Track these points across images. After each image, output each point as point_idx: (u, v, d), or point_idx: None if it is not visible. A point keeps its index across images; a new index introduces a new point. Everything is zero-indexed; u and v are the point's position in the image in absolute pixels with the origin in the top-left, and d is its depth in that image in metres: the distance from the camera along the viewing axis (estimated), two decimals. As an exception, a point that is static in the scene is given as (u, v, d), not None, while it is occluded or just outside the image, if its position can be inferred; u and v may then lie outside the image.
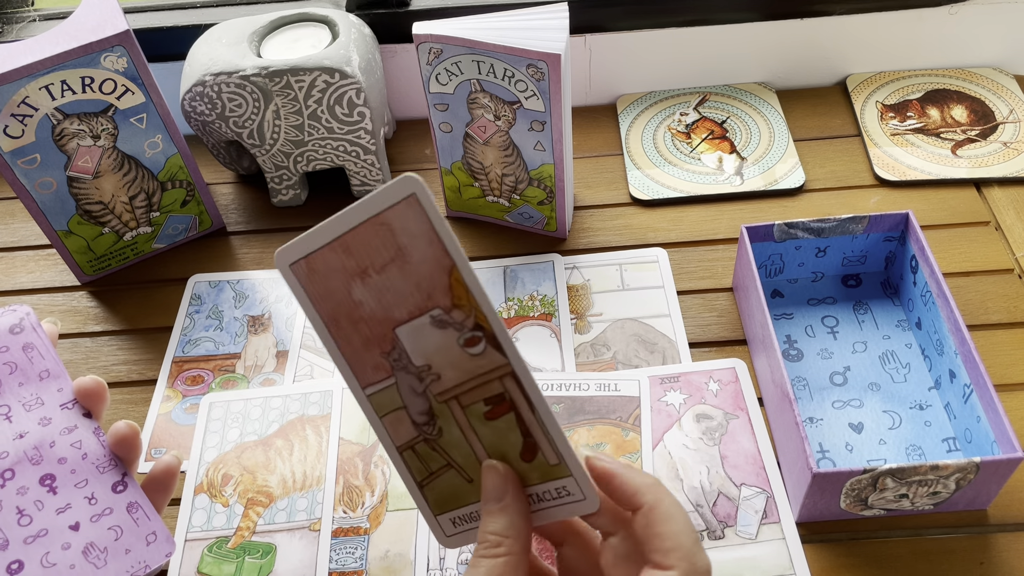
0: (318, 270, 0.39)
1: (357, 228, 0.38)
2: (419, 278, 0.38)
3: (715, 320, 0.67)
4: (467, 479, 0.41)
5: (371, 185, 0.78)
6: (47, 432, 0.39)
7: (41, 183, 0.67)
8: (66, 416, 0.40)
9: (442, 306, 0.38)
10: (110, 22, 0.63)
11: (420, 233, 0.36)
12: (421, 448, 0.41)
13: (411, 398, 0.40)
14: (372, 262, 0.38)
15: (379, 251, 0.38)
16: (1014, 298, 0.67)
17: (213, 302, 0.72)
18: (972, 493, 0.53)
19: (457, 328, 0.38)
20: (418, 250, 0.37)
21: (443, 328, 0.38)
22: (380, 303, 0.39)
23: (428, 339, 0.39)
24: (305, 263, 0.40)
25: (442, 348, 0.38)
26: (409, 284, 0.38)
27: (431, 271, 0.37)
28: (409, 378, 0.40)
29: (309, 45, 0.72)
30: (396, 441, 0.41)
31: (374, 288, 0.38)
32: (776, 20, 0.82)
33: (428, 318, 0.38)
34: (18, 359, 0.40)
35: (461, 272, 0.36)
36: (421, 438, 0.41)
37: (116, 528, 0.38)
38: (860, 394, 0.61)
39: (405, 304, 0.38)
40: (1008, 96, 0.82)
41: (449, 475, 0.41)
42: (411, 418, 0.41)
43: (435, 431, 0.40)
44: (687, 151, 0.80)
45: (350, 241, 0.38)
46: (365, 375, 0.40)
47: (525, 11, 0.63)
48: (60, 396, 0.40)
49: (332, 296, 0.40)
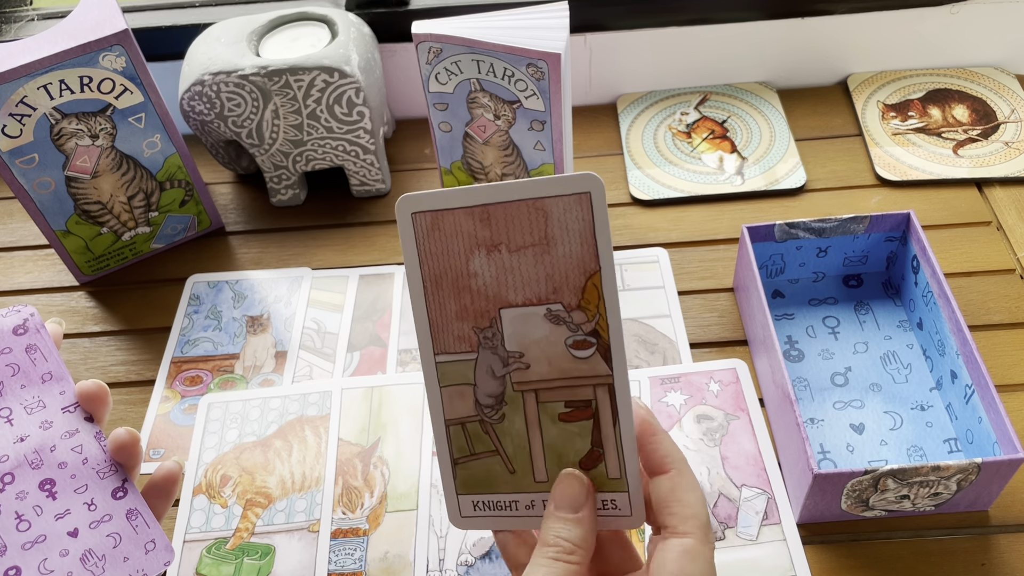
0: (443, 229, 0.38)
1: (509, 203, 0.37)
2: (553, 271, 0.37)
3: (716, 320, 0.67)
4: (510, 470, 0.40)
5: (370, 185, 0.78)
6: (48, 436, 0.39)
7: (39, 183, 0.66)
8: (68, 420, 0.40)
9: (566, 304, 0.37)
10: (108, 21, 0.63)
11: (576, 231, 0.36)
12: (472, 427, 0.40)
13: (485, 379, 0.39)
14: (509, 240, 0.37)
15: (523, 232, 0.37)
16: (1015, 298, 0.66)
17: (212, 302, 0.72)
18: (973, 494, 0.53)
19: (571, 328, 0.37)
20: (567, 245, 0.37)
21: (556, 323, 0.38)
22: (497, 280, 0.38)
23: (533, 329, 0.38)
24: (430, 217, 0.38)
25: (544, 341, 0.38)
26: (539, 272, 0.37)
27: (569, 268, 0.37)
28: (493, 359, 0.39)
29: (308, 44, 0.72)
30: (447, 414, 0.40)
31: (498, 264, 0.38)
32: (777, 19, 0.82)
33: (544, 309, 0.38)
34: (21, 361, 0.40)
35: (603, 280, 0.36)
36: (477, 418, 0.40)
37: (115, 535, 0.38)
38: (861, 395, 0.61)
39: (524, 289, 0.38)
40: (1009, 96, 0.82)
41: (491, 460, 0.40)
42: (476, 397, 0.40)
43: (497, 416, 0.40)
44: (688, 151, 0.80)
45: (495, 213, 0.37)
46: (443, 342, 0.40)
47: (525, 10, 0.63)
48: (62, 399, 0.40)
49: (446, 258, 0.39)
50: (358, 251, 0.75)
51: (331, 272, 0.73)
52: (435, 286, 0.39)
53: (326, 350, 0.68)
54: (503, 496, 0.40)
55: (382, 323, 0.69)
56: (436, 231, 0.38)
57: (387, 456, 0.60)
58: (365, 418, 0.62)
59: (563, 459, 0.39)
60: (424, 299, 0.39)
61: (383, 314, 0.70)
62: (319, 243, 0.76)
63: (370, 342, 0.68)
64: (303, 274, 0.73)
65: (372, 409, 0.63)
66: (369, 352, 0.67)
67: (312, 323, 0.69)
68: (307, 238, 0.76)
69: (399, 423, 0.62)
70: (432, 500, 0.58)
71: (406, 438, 0.61)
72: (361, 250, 0.75)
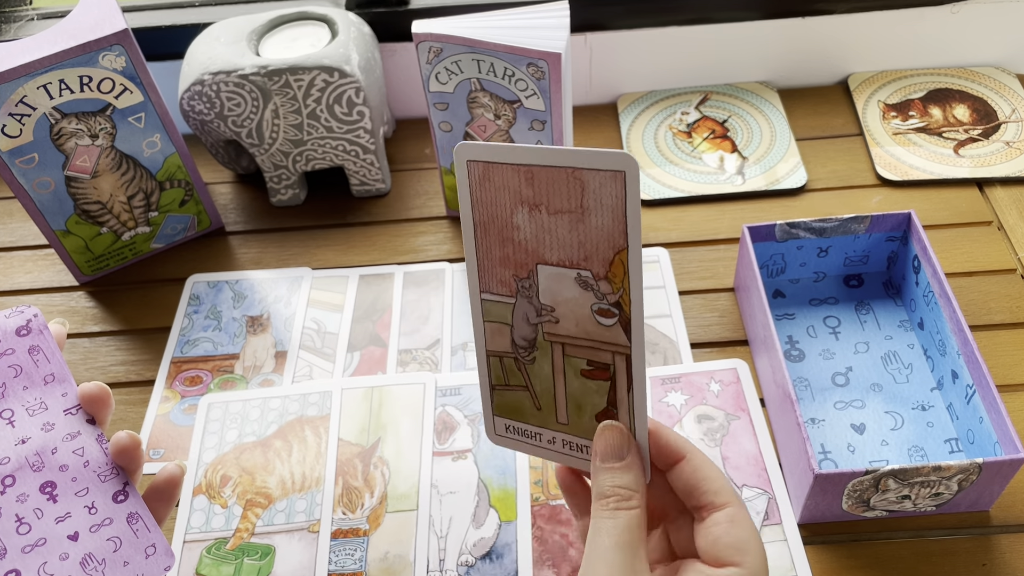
0: (493, 180, 0.40)
1: (552, 168, 0.38)
2: (585, 239, 0.39)
3: (716, 320, 0.67)
4: (537, 406, 0.43)
5: (370, 185, 0.78)
6: (50, 438, 0.39)
7: (39, 183, 0.66)
8: (69, 422, 0.39)
9: (594, 272, 0.39)
10: (108, 21, 0.63)
11: (609, 206, 0.38)
12: (508, 362, 0.43)
13: (521, 324, 0.42)
14: (549, 203, 0.39)
15: (562, 197, 0.39)
16: (1017, 298, 0.66)
17: (212, 302, 0.72)
18: (974, 494, 0.53)
19: (597, 296, 0.39)
20: (599, 217, 0.38)
21: (584, 289, 0.40)
22: (536, 238, 0.40)
23: (565, 289, 0.40)
24: (483, 167, 0.40)
25: (573, 302, 0.40)
26: (573, 238, 0.39)
27: (600, 240, 0.38)
28: (529, 308, 0.42)
29: (308, 44, 0.72)
30: (488, 346, 0.43)
31: (538, 223, 0.40)
32: (778, 19, 0.82)
33: (575, 273, 0.40)
34: (23, 362, 0.40)
35: (630, 257, 0.38)
36: (512, 355, 0.43)
37: (115, 539, 0.38)
38: (862, 395, 0.61)
39: (559, 251, 0.40)
40: (1010, 95, 0.82)
41: (521, 394, 0.43)
42: (512, 338, 0.43)
43: (529, 357, 0.43)
44: (688, 150, 0.80)
45: (538, 175, 0.39)
46: (487, 283, 0.42)
47: (525, 10, 0.63)
48: (64, 401, 0.40)
49: (493, 208, 0.41)
50: (358, 251, 0.75)
51: (331, 272, 0.73)
52: (484, 231, 0.42)
53: (326, 350, 0.67)
54: (530, 427, 0.44)
55: (382, 323, 0.69)
56: (487, 181, 0.40)
57: (387, 456, 0.60)
58: (365, 418, 0.62)
59: (582, 409, 0.41)
60: (474, 240, 0.42)
61: (383, 314, 0.70)
62: (319, 243, 0.75)
63: (370, 342, 0.68)
64: (303, 274, 0.73)
65: (372, 409, 0.63)
66: (369, 352, 0.67)
67: (312, 323, 0.69)
68: (307, 238, 0.76)
69: (399, 423, 0.62)
70: (432, 500, 0.58)
71: (406, 438, 0.61)
72: (361, 250, 0.75)
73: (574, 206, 0.39)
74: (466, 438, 0.61)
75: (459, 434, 0.61)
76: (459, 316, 0.69)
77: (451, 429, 0.61)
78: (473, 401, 0.63)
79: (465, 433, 0.61)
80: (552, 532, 0.56)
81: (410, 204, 0.78)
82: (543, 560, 0.55)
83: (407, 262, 0.73)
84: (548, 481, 0.58)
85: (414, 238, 0.75)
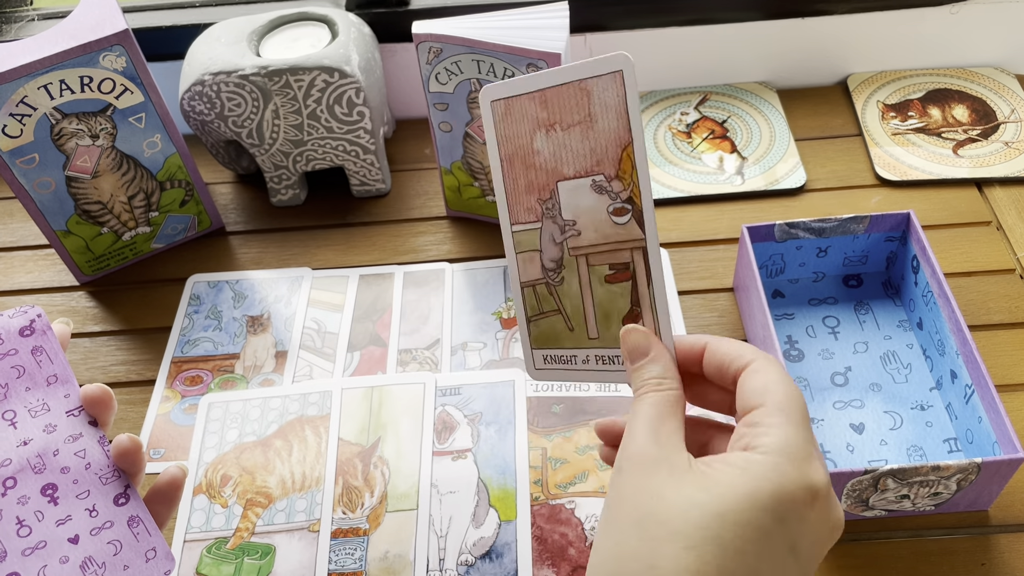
0: (513, 113, 0.46)
1: (560, 87, 0.43)
2: (596, 144, 0.43)
3: (716, 320, 0.67)
4: (569, 327, 0.47)
5: (371, 185, 0.78)
6: (52, 440, 0.39)
7: (40, 183, 0.67)
8: (71, 424, 0.39)
9: (606, 174, 0.43)
10: (109, 21, 0.63)
11: (612, 106, 0.42)
12: (540, 289, 0.47)
13: (548, 245, 0.46)
14: (562, 119, 0.44)
15: (572, 111, 0.43)
16: (1015, 298, 0.66)
17: (212, 302, 0.72)
18: (973, 494, 0.53)
19: (611, 197, 0.43)
20: (605, 120, 0.43)
21: (599, 193, 0.44)
22: (554, 156, 0.45)
23: (583, 199, 0.44)
24: (504, 104, 0.46)
25: (591, 210, 0.44)
26: (585, 147, 0.44)
27: (608, 142, 0.43)
28: (553, 228, 0.46)
29: (308, 44, 0.72)
30: (522, 277, 0.47)
31: (554, 142, 0.44)
32: (777, 19, 0.82)
33: (590, 180, 0.44)
34: (26, 363, 0.40)
35: (635, 150, 0.42)
36: (544, 281, 0.47)
37: (115, 542, 0.38)
38: (861, 394, 0.61)
39: (575, 163, 0.44)
40: (1009, 96, 0.82)
41: (555, 319, 0.47)
42: (542, 262, 0.47)
43: (559, 279, 0.47)
44: (688, 151, 0.80)
45: (550, 96, 0.44)
46: (517, 214, 0.47)
47: (525, 10, 0.63)
48: (67, 403, 0.40)
49: (516, 139, 0.46)
50: (358, 251, 0.75)
51: (331, 272, 0.73)
52: (510, 165, 0.47)
53: (326, 350, 0.68)
54: (565, 351, 0.47)
55: (382, 323, 0.69)
56: (508, 116, 0.46)
57: (387, 456, 0.60)
58: (365, 418, 0.62)
59: (609, 317, 0.45)
60: (502, 176, 0.46)
61: (383, 314, 0.70)
62: (319, 243, 0.76)
63: (370, 342, 0.68)
64: (303, 274, 0.73)
65: (372, 409, 0.63)
66: (369, 352, 0.67)
67: (312, 323, 0.69)
68: (307, 238, 0.76)
69: (399, 423, 0.62)
70: (432, 500, 0.58)
71: (406, 438, 0.61)
72: (361, 250, 0.75)
73: (583, 116, 0.43)
74: (466, 438, 0.61)
75: (459, 434, 0.61)
76: (459, 316, 0.69)
77: (451, 429, 0.61)
78: (473, 401, 0.63)
79: (465, 433, 0.61)
80: (552, 531, 0.56)
81: (410, 204, 0.78)
82: (543, 559, 0.55)
83: (407, 262, 0.73)
84: (547, 481, 0.58)
85: (414, 238, 0.75)
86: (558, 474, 0.59)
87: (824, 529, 0.36)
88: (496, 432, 0.61)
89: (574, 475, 0.58)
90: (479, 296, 0.70)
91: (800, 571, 0.35)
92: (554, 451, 0.60)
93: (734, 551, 0.34)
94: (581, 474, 0.58)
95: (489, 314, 0.69)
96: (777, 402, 0.37)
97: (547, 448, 0.60)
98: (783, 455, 0.36)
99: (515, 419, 0.61)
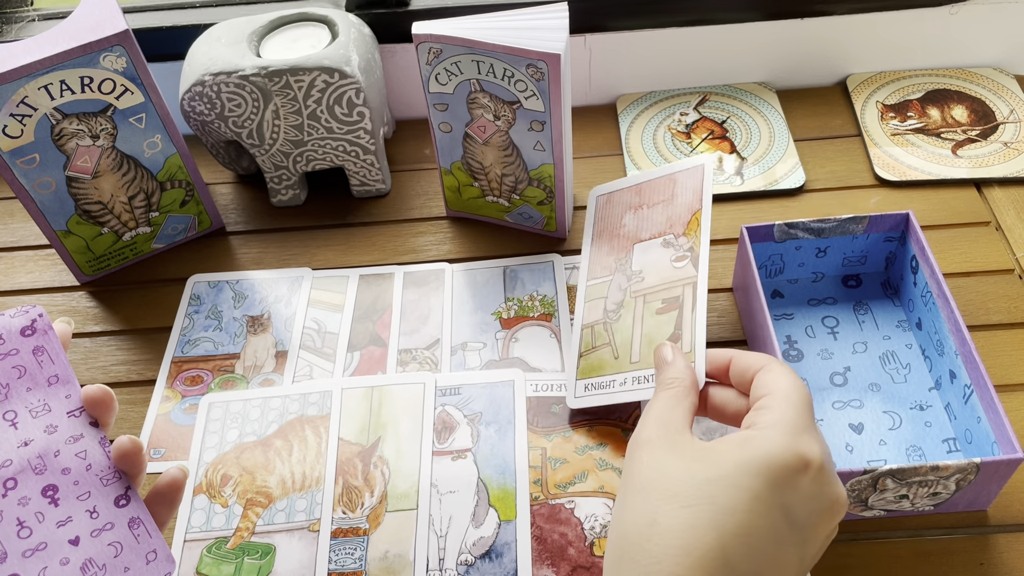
0: (612, 203, 0.60)
1: (655, 180, 0.58)
2: (672, 214, 0.56)
3: (715, 320, 0.67)
4: (615, 356, 0.56)
5: (371, 185, 0.78)
6: (52, 440, 0.38)
7: (40, 183, 0.67)
8: (72, 424, 0.39)
9: (675, 233, 0.55)
10: (109, 22, 0.63)
11: (693, 188, 0.55)
12: (598, 328, 0.58)
13: (615, 292, 0.58)
14: (649, 200, 0.57)
15: (659, 194, 0.57)
16: (1014, 298, 0.66)
17: (212, 302, 0.72)
18: (972, 494, 0.53)
19: (676, 248, 0.55)
20: (684, 197, 0.56)
21: (667, 247, 0.55)
22: (636, 226, 0.58)
23: (652, 253, 0.56)
24: (608, 197, 0.61)
25: (657, 261, 0.56)
26: (663, 217, 0.56)
27: (683, 211, 0.55)
28: (622, 278, 0.57)
29: (308, 45, 0.72)
30: (584, 320, 0.59)
31: (639, 216, 0.58)
32: (776, 20, 0.82)
33: (661, 240, 0.56)
34: (27, 363, 0.39)
35: (703, 214, 0.55)
36: (602, 321, 0.57)
37: (116, 544, 0.38)
38: (860, 394, 0.61)
39: (652, 229, 0.57)
40: (1008, 96, 0.82)
41: (604, 351, 0.57)
42: (605, 306, 0.58)
43: (616, 317, 0.57)
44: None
45: (645, 187, 0.58)
46: (594, 272, 0.60)
47: (525, 11, 0.63)
48: (68, 403, 0.39)
49: (608, 219, 0.60)
50: (358, 251, 0.75)
51: (331, 272, 0.73)
52: (598, 238, 0.61)
53: (326, 350, 0.68)
54: (606, 377, 0.56)
55: (382, 323, 0.69)
56: (608, 204, 0.61)
57: (387, 455, 0.60)
58: (365, 418, 0.62)
59: (653, 343, 0.54)
60: (590, 247, 0.61)
61: (383, 314, 0.70)
62: (319, 243, 0.76)
63: (370, 342, 0.68)
64: (303, 274, 0.73)
65: (372, 409, 0.63)
66: (369, 352, 0.67)
67: (312, 323, 0.70)
68: (307, 238, 0.76)
69: (399, 423, 0.62)
70: (432, 499, 0.58)
71: (406, 438, 0.61)
72: (361, 250, 0.75)
73: (667, 196, 0.56)
74: (466, 438, 0.61)
75: (459, 434, 0.61)
76: (459, 316, 0.69)
77: (451, 429, 0.62)
78: (473, 401, 0.63)
79: (465, 433, 0.61)
80: (551, 531, 0.56)
81: (410, 204, 0.79)
82: (542, 559, 0.55)
83: (407, 262, 0.74)
84: (547, 481, 0.58)
85: (414, 238, 0.76)
86: (558, 474, 0.59)
87: (821, 500, 0.39)
88: (496, 432, 0.61)
89: (574, 475, 0.59)
90: (479, 296, 0.70)
91: (797, 535, 0.38)
92: (554, 451, 0.60)
93: (726, 509, 0.37)
94: (581, 474, 0.58)
95: (489, 314, 0.69)
96: (781, 389, 0.42)
97: (547, 448, 0.60)
98: (776, 428, 0.39)
99: (515, 419, 0.62)
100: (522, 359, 0.65)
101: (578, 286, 0.58)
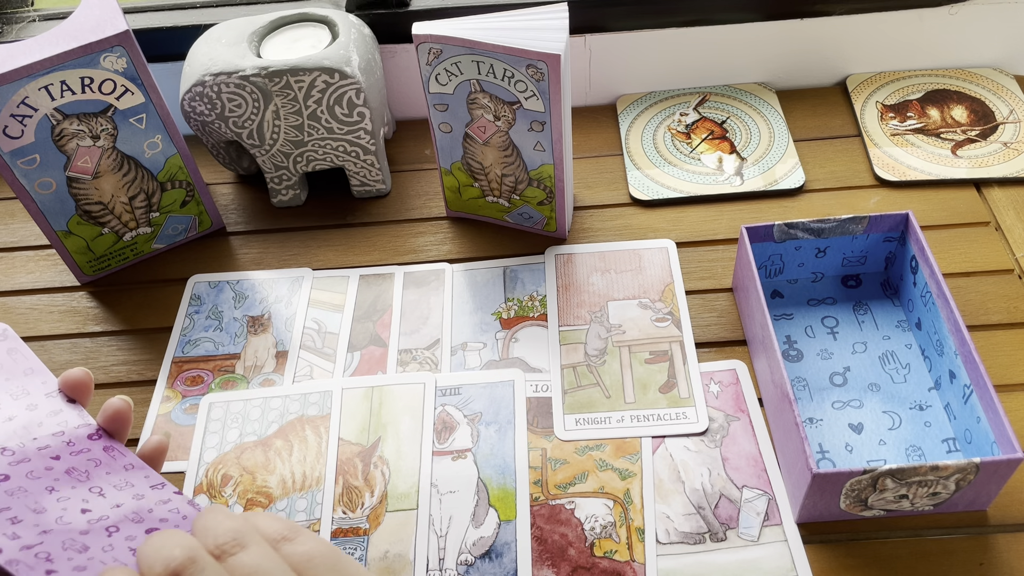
0: (575, 263, 0.67)
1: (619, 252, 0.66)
2: (643, 282, 0.65)
3: (715, 320, 0.67)
4: (606, 396, 0.61)
5: (371, 185, 0.78)
6: (33, 417, 0.39)
7: (41, 183, 0.67)
8: (52, 402, 0.39)
9: (651, 299, 0.63)
10: (110, 22, 0.63)
11: (660, 264, 0.65)
12: (581, 369, 0.62)
13: (593, 339, 0.63)
14: (616, 268, 0.65)
15: (625, 264, 0.65)
16: (1014, 299, 0.67)
17: (213, 302, 0.72)
18: (972, 494, 0.53)
19: (654, 311, 0.63)
20: (652, 270, 0.65)
21: (644, 309, 0.62)
22: (605, 287, 0.65)
23: (629, 311, 0.63)
24: (568, 257, 0.68)
25: (636, 318, 0.63)
26: (633, 283, 0.64)
27: (654, 282, 0.65)
28: (600, 328, 0.63)
29: (309, 45, 0.72)
30: (563, 362, 0.63)
31: (607, 279, 0.65)
32: (776, 20, 0.82)
33: (637, 302, 0.63)
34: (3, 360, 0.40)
35: (676, 287, 0.64)
36: (585, 364, 0.62)
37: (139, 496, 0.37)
38: (860, 394, 0.61)
39: (623, 291, 0.64)
40: (1008, 96, 0.82)
41: (592, 390, 0.61)
42: (585, 351, 0.63)
43: (600, 362, 0.62)
44: (687, 151, 0.80)
45: (608, 256, 0.66)
46: (566, 320, 0.64)
47: (525, 11, 0.63)
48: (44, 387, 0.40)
49: (573, 275, 0.66)
50: (358, 251, 0.75)
51: (331, 272, 0.73)
52: (565, 291, 0.66)
53: (326, 350, 0.68)
54: (600, 414, 0.60)
55: (382, 323, 0.69)
56: (570, 263, 0.68)
57: (387, 456, 0.60)
58: (365, 418, 0.63)
59: (647, 387, 0.60)
60: (556, 297, 0.66)
61: (383, 314, 0.70)
62: (319, 243, 0.76)
63: (370, 342, 0.68)
64: (303, 274, 0.73)
65: (372, 409, 0.63)
66: (369, 352, 0.67)
67: (312, 323, 0.70)
68: (307, 238, 0.76)
69: (399, 423, 0.62)
70: (432, 499, 0.58)
71: (406, 438, 0.61)
72: (361, 250, 0.75)
73: (634, 267, 0.63)
74: (465, 438, 0.61)
75: (459, 434, 0.61)
76: (458, 316, 0.69)
77: (451, 429, 0.62)
78: (473, 401, 0.63)
79: (465, 433, 0.61)
80: (551, 532, 0.56)
81: (410, 205, 0.79)
82: (542, 559, 0.55)
83: (407, 262, 0.74)
84: (547, 481, 0.58)
85: (414, 238, 0.76)
86: (558, 474, 0.59)
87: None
88: (496, 432, 0.61)
89: (574, 475, 0.59)
90: (479, 296, 0.70)
91: None
92: (554, 451, 0.60)
93: None
94: (581, 474, 0.59)
95: (489, 314, 0.69)
96: None
97: (547, 448, 0.60)
98: None
99: (515, 419, 0.62)
100: (522, 359, 0.65)
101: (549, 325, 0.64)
